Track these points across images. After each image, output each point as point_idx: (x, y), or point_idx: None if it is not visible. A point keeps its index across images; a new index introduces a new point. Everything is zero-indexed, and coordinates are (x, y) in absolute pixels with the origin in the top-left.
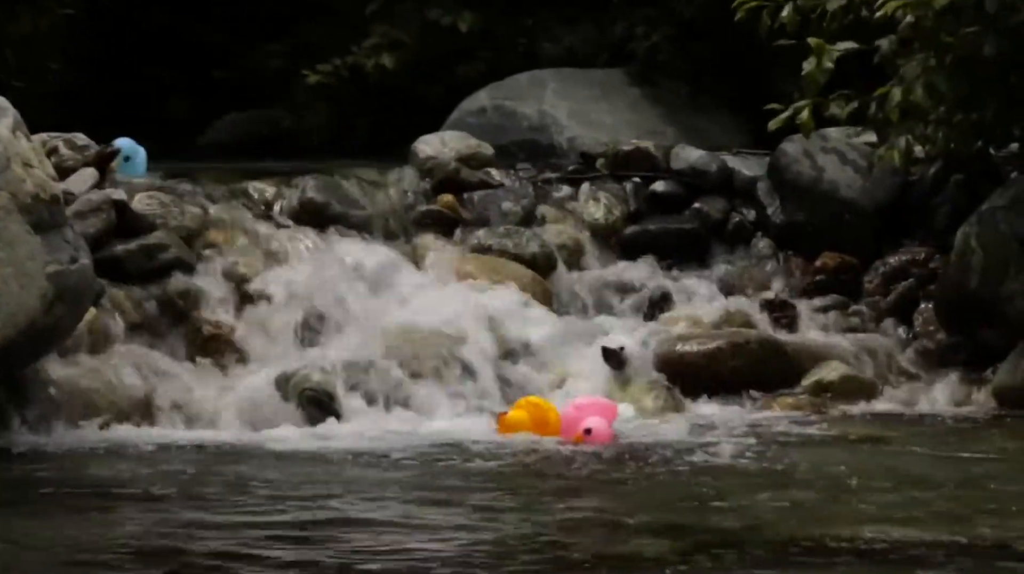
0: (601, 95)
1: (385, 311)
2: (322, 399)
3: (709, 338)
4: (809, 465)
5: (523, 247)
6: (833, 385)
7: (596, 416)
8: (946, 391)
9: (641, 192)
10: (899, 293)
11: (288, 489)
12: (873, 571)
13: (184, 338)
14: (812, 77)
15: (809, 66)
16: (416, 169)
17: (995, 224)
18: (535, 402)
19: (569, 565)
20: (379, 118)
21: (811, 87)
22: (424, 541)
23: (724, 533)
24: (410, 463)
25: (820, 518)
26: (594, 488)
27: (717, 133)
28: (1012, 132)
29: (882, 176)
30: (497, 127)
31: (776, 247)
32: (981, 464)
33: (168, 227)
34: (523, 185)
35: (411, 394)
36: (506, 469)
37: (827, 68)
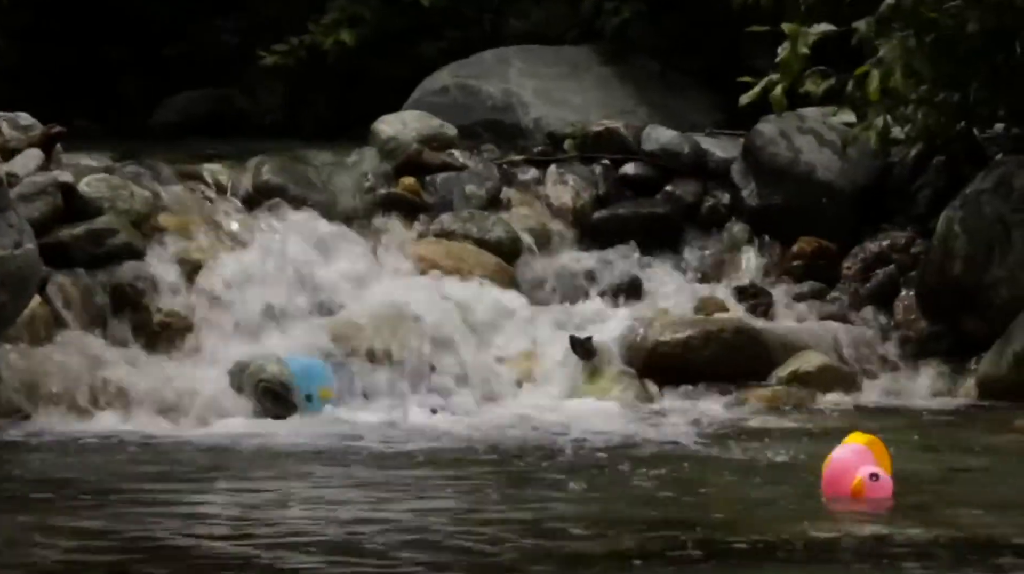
0: (569, 73)
1: (345, 299)
2: (277, 391)
3: (681, 327)
4: (785, 459)
5: (487, 232)
6: (810, 376)
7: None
8: (928, 382)
9: (610, 175)
10: (879, 280)
11: (240, 482)
12: (851, 568)
13: (134, 327)
14: (787, 63)
15: (784, 52)
16: (376, 151)
17: (979, 208)
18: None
19: (532, 561)
20: (338, 97)
21: (787, 73)
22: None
23: (696, 529)
24: (364, 455)
25: (796, 514)
26: (559, 483)
27: (690, 113)
28: (997, 112)
29: (861, 158)
30: (461, 107)
31: (751, 232)
32: (964, 457)
33: (117, 211)
34: (487, 167)
35: (370, 385)
36: (469, 463)
37: (803, 53)
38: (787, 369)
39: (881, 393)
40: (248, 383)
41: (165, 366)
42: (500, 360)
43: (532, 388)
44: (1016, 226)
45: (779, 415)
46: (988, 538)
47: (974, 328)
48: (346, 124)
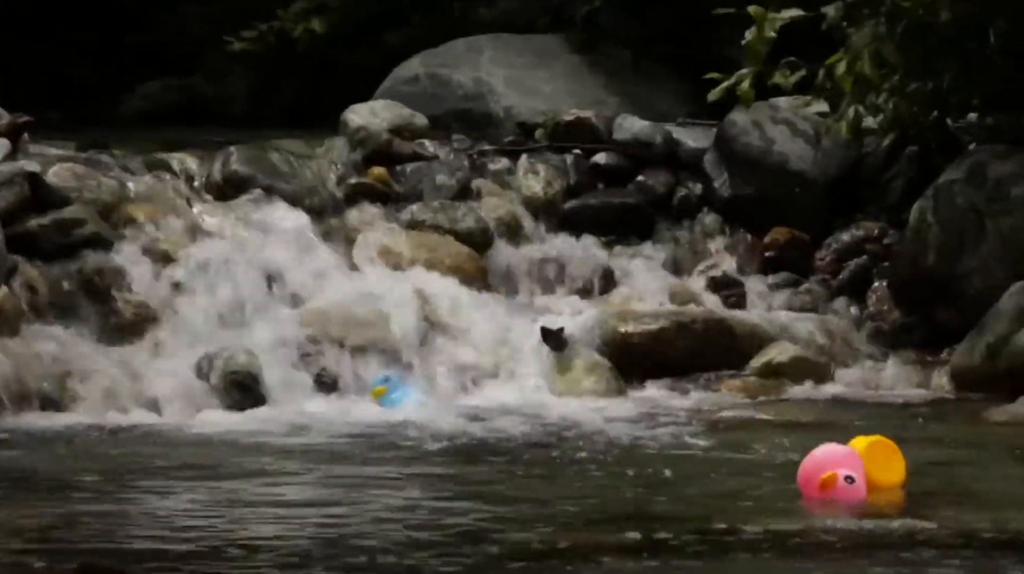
0: (540, 62)
1: (313, 290)
2: (247, 383)
3: (653, 318)
4: (758, 451)
5: (458, 222)
6: (783, 367)
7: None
8: (901, 373)
9: (582, 165)
10: (852, 270)
11: (207, 475)
12: (825, 561)
13: (102, 318)
14: (753, 47)
15: (751, 35)
16: (346, 140)
17: (952, 198)
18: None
19: (507, 555)
20: (306, 86)
21: (753, 57)
22: (358, 527)
23: (668, 522)
24: (337, 449)
25: (768, 506)
26: (531, 475)
27: (662, 102)
28: (970, 101)
29: (834, 148)
30: (431, 96)
31: (723, 222)
32: (937, 449)
33: (84, 201)
34: (458, 157)
35: (341, 377)
36: (439, 455)
37: (769, 38)
38: (760, 360)
39: (854, 384)
40: (217, 375)
41: (133, 357)
42: (470, 351)
43: (503, 379)
44: (989, 216)
45: (752, 406)
46: (961, 531)
47: (947, 319)
48: (315, 113)
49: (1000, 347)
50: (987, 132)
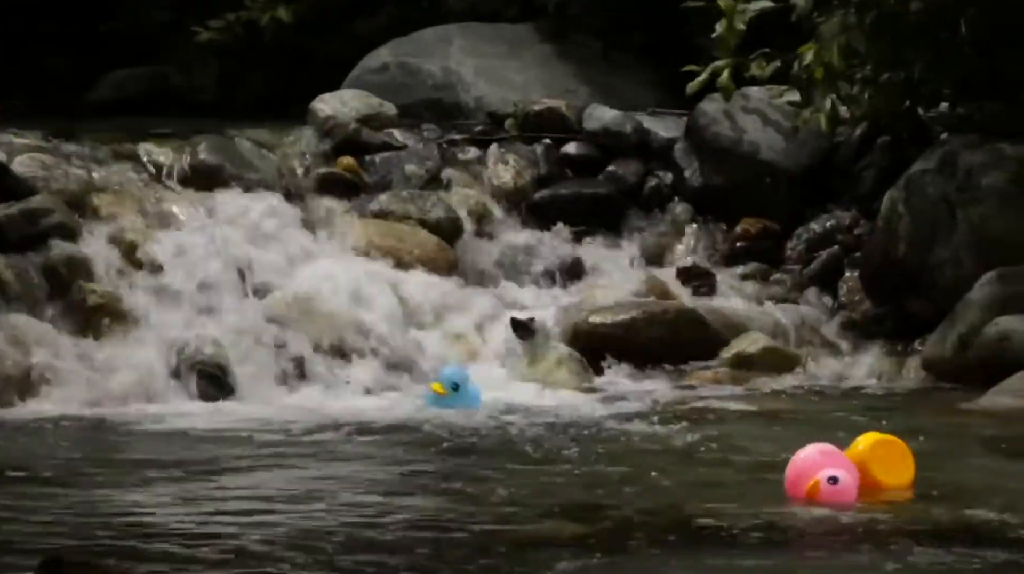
0: (510, 52)
1: (282, 280)
2: (215, 374)
3: (624, 308)
4: (729, 442)
5: (427, 212)
6: (754, 357)
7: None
8: (872, 364)
9: (552, 154)
10: (823, 261)
11: (174, 467)
12: (797, 552)
13: (68, 309)
14: (723, 40)
15: (720, 28)
16: (314, 130)
17: (923, 188)
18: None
19: (477, 546)
20: (275, 75)
21: (723, 49)
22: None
23: (638, 513)
24: (304, 441)
25: (739, 498)
26: (501, 466)
27: (632, 92)
28: (941, 91)
29: (805, 138)
30: (400, 85)
31: (694, 212)
32: (908, 440)
33: (50, 191)
34: (427, 147)
35: (310, 368)
36: (410, 447)
37: (739, 30)
38: (731, 351)
39: (825, 375)
40: (184, 366)
41: (99, 348)
42: (440, 341)
43: (473, 369)
44: (960, 206)
45: (723, 397)
46: (931, 522)
47: (918, 309)
48: (283, 102)
49: (971, 337)
50: (958, 122)
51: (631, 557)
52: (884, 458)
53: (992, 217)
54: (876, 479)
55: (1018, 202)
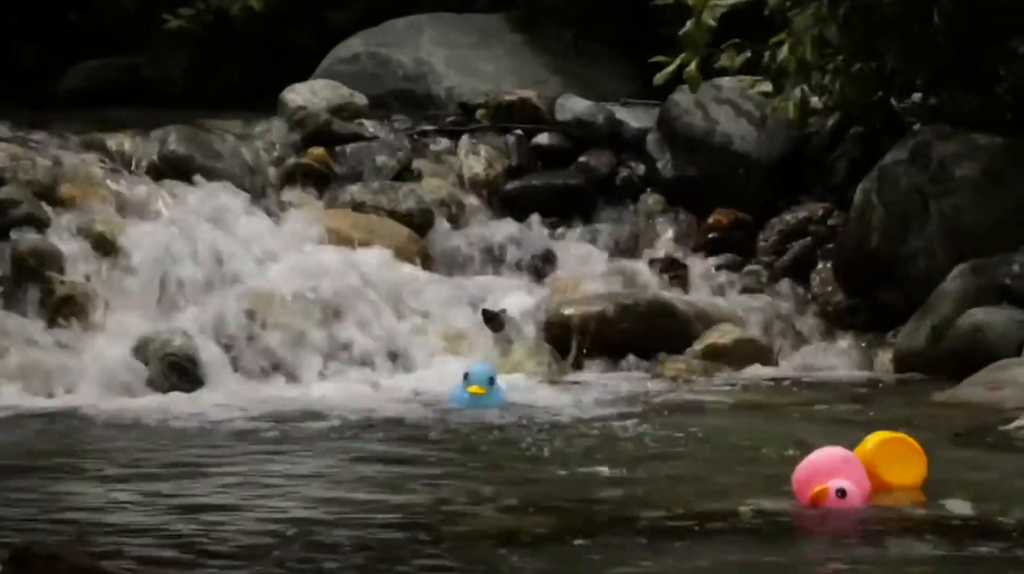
0: (481, 42)
1: (253, 271)
2: (184, 365)
3: (595, 300)
4: (701, 434)
5: (399, 203)
6: (727, 349)
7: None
8: (845, 355)
9: (523, 145)
10: (796, 252)
11: (142, 461)
12: (770, 545)
13: (36, 299)
14: (693, 36)
15: (690, 25)
16: (285, 120)
17: (896, 179)
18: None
19: (448, 543)
20: (245, 65)
21: (692, 46)
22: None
23: (610, 506)
24: (275, 434)
25: (712, 490)
26: (472, 460)
27: (604, 82)
28: (914, 82)
29: (778, 128)
30: (371, 76)
31: (666, 203)
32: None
33: (18, 181)
34: (399, 138)
35: (282, 359)
36: (383, 441)
37: (708, 26)
38: (703, 342)
39: (798, 366)
40: (154, 357)
41: (68, 339)
42: (411, 333)
43: (444, 362)
44: (933, 197)
45: (695, 389)
46: (906, 514)
47: (891, 300)
48: (254, 92)
49: (944, 329)
50: (931, 113)
51: (595, 550)
52: (890, 458)
53: (965, 208)
54: (883, 480)
55: (991, 193)
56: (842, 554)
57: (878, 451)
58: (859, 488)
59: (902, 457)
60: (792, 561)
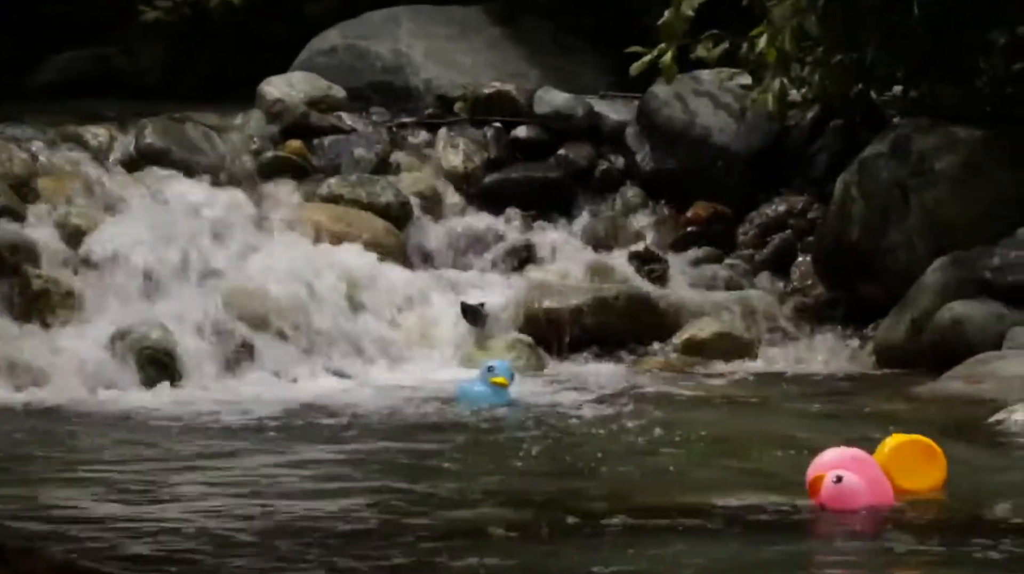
0: (460, 34)
1: (230, 265)
2: (161, 359)
3: (574, 293)
4: (679, 428)
5: (377, 196)
6: (706, 343)
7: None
8: (825, 349)
9: (502, 138)
10: (775, 245)
11: (118, 455)
12: (747, 539)
13: (13, 293)
14: (670, 26)
15: (668, 15)
16: (262, 113)
17: (876, 172)
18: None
19: (420, 536)
20: (222, 57)
21: (669, 37)
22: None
23: (586, 500)
24: (252, 427)
25: (690, 484)
26: (447, 454)
27: (583, 75)
28: (894, 74)
29: (757, 121)
30: (349, 68)
31: (646, 196)
32: (860, 425)
33: None
34: (377, 130)
35: (259, 353)
36: (359, 435)
37: (686, 16)
38: (682, 336)
39: (777, 360)
40: (131, 351)
41: (45, 333)
42: (390, 327)
43: (422, 356)
44: (914, 190)
45: (674, 383)
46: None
47: (871, 294)
48: (231, 85)
49: (924, 322)
50: (911, 105)
51: (567, 545)
52: (905, 462)
53: (945, 201)
54: (898, 485)
55: (971, 186)
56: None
57: (890, 456)
58: (866, 483)
59: (916, 461)
60: (770, 555)
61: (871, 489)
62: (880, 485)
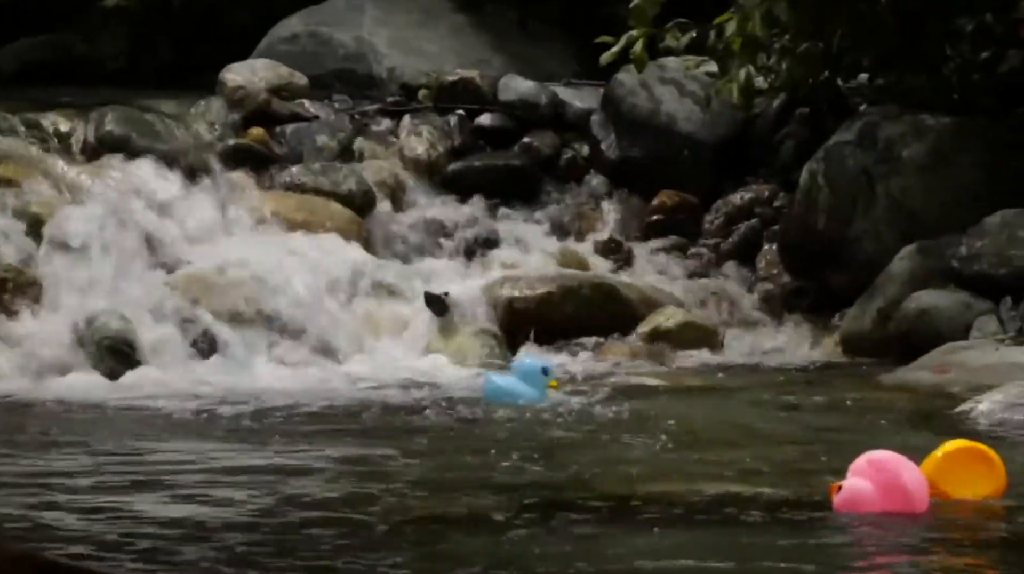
0: (423, 21)
1: (192, 253)
2: (122, 348)
3: (539, 282)
4: (644, 417)
5: (339, 184)
6: (671, 332)
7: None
8: (791, 338)
9: (466, 126)
10: (741, 234)
11: (78, 444)
12: (713, 529)
13: None
14: (641, 11)
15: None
16: (223, 100)
17: (842, 160)
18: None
19: (395, 525)
20: (183, 44)
21: (640, 21)
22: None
23: (553, 490)
24: (213, 417)
25: (655, 474)
26: (418, 444)
27: (548, 62)
28: (861, 62)
29: (723, 109)
30: (311, 55)
31: (611, 185)
32: (826, 415)
33: None
34: (339, 118)
35: (221, 343)
36: (327, 424)
37: (657, 1)
38: (648, 325)
39: (743, 349)
40: (91, 340)
41: (5, 322)
42: (352, 317)
43: (385, 345)
44: (880, 178)
45: (640, 372)
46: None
47: (838, 283)
48: (192, 72)
49: (891, 311)
50: (877, 93)
51: (527, 534)
52: (955, 471)
53: (912, 189)
54: (947, 495)
55: (938, 174)
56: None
57: (938, 466)
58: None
59: (968, 469)
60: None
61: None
62: (897, 491)
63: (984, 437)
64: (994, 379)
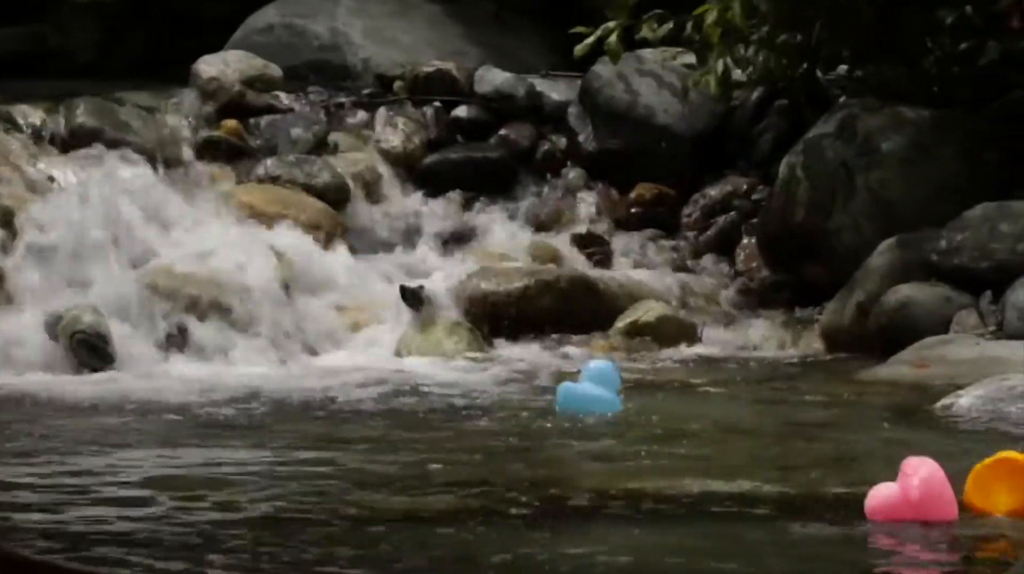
0: (399, 12)
1: (165, 246)
2: (95, 343)
3: (516, 276)
4: (623, 413)
5: (314, 177)
6: (650, 326)
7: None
8: (770, 332)
9: (442, 118)
10: (720, 227)
11: (51, 440)
12: (692, 525)
13: None
14: (621, 2)
15: None
16: (197, 92)
17: (821, 152)
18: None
19: (366, 522)
20: (156, 35)
21: (619, 10)
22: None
23: (531, 486)
24: (185, 413)
25: (634, 470)
26: (391, 440)
27: (525, 53)
28: (840, 54)
29: (701, 101)
30: (286, 46)
31: (588, 177)
32: (805, 410)
33: None
34: (314, 110)
35: (193, 337)
36: (298, 421)
37: None
38: (626, 319)
39: (722, 344)
40: (63, 334)
41: None
42: (327, 311)
43: (361, 340)
44: (859, 171)
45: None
46: (817, 492)
47: (817, 277)
48: (165, 64)
49: (870, 306)
50: (856, 85)
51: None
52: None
53: (892, 182)
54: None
55: (918, 167)
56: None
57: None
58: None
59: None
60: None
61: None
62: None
63: (964, 432)
64: (974, 374)
